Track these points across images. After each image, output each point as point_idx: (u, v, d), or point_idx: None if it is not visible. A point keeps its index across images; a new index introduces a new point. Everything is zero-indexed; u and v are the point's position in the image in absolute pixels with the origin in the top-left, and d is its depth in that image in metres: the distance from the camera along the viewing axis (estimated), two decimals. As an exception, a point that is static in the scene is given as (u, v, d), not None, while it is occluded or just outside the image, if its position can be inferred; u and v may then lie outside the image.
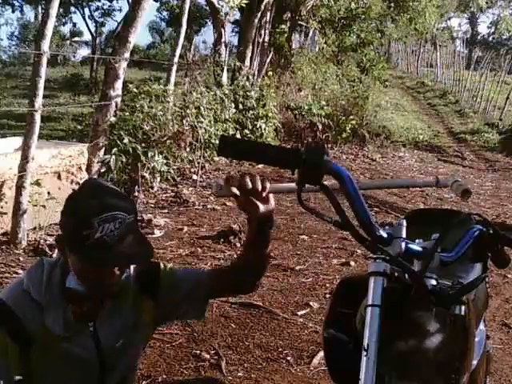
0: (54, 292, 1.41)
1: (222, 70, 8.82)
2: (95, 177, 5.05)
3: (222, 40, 9.28)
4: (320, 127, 9.91)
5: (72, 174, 4.88)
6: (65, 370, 1.42)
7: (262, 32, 10.85)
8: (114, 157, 5.36)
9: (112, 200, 1.34)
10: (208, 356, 2.80)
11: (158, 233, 4.75)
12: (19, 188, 4.09)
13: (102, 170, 5.40)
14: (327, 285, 3.81)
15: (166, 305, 1.53)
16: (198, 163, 6.76)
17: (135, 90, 6.16)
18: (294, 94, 11.47)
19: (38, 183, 4.33)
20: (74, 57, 27.04)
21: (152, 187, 6.00)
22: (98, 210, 1.31)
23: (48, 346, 1.40)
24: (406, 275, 1.17)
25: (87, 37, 28.26)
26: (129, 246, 1.33)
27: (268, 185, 1.42)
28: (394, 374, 1.18)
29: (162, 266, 1.57)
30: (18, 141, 4.85)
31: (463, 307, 1.15)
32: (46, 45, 4.09)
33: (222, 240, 4.58)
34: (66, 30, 29.21)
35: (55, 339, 1.40)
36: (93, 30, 23.12)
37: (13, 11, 23.30)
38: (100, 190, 1.37)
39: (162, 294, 1.53)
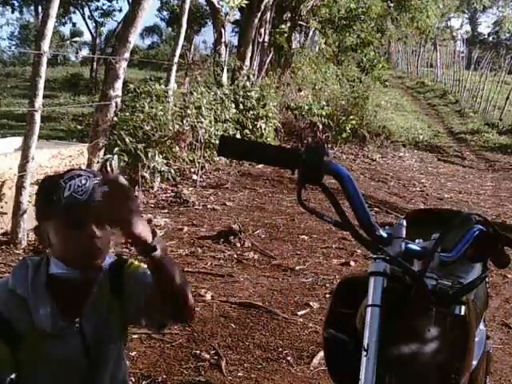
0: (40, 290, 1.41)
1: (222, 70, 8.82)
2: None
3: (222, 40, 9.28)
4: (320, 127, 9.91)
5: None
6: (53, 369, 1.42)
7: (262, 32, 10.85)
8: (116, 156, 5.36)
9: (74, 169, 1.44)
10: (208, 356, 2.80)
11: (157, 233, 4.75)
12: (19, 188, 4.09)
13: (104, 171, 5.40)
14: (327, 285, 3.81)
15: (130, 306, 1.48)
16: (198, 163, 6.76)
17: (136, 90, 6.16)
18: (294, 94, 11.47)
19: (38, 183, 4.33)
20: (76, 57, 27.05)
21: (152, 187, 6.00)
22: (62, 174, 1.39)
23: (36, 344, 1.40)
24: (406, 275, 1.17)
25: (87, 37, 28.29)
26: (98, 202, 1.31)
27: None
28: (394, 374, 1.18)
29: (128, 263, 1.52)
30: (18, 141, 4.85)
31: (463, 307, 1.15)
32: (46, 45, 4.09)
33: (221, 240, 4.57)
34: (66, 30, 29.24)
35: (43, 337, 1.40)
36: (93, 30, 23.13)
37: (12, 12, 23.31)
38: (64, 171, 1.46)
39: (126, 295, 1.48)
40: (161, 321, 1.47)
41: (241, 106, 8.47)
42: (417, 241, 1.25)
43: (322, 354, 2.75)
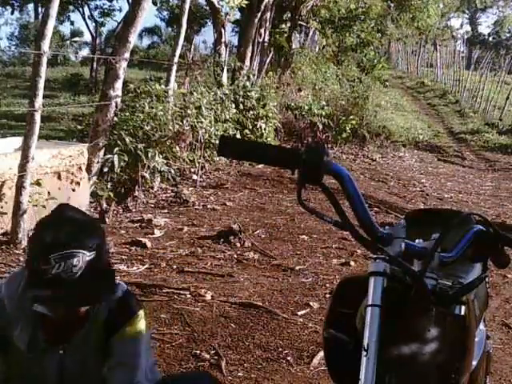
0: (25, 308, 1.41)
1: (222, 70, 8.82)
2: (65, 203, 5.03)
3: (222, 40, 9.28)
4: (320, 127, 9.91)
5: (72, 173, 4.88)
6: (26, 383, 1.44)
7: (262, 32, 10.85)
8: (116, 156, 5.36)
9: (74, 236, 1.36)
10: (208, 356, 2.80)
11: (157, 233, 4.75)
12: (19, 188, 4.09)
13: (105, 170, 5.40)
14: (327, 285, 3.81)
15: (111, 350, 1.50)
16: (198, 163, 6.76)
17: (137, 90, 6.16)
18: (294, 94, 11.48)
19: (38, 183, 4.33)
20: (76, 57, 27.04)
21: (152, 187, 6.00)
22: (55, 246, 1.34)
23: (16, 356, 1.42)
24: (406, 275, 1.17)
25: (87, 37, 28.28)
26: (85, 286, 1.34)
27: None
28: (394, 374, 1.18)
29: (134, 317, 1.51)
30: (18, 141, 4.85)
31: (463, 307, 1.15)
32: (46, 45, 4.09)
33: (221, 240, 4.57)
34: (66, 29, 29.22)
35: (21, 353, 1.42)
36: (93, 30, 23.13)
37: (12, 12, 23.30)
38: (66, 223, 1.39)
39: (111, 345, 1.49)
40: None
41: (241, 106, 8.47)
42: (417, 241, 1.25)
43: (322, 354, 2.74)
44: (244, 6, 8.80)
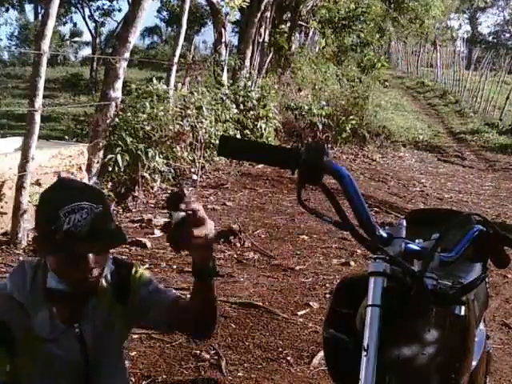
0: (38, 294, 1.41)
1: (222, 70, 8.82)
2: (64, 174, 5.02)
3: (223, 40, 9.28)
4: (320, 127, 9.91)
5: (72, 174, 4.88)
6: (51, 371, 1.42)
7: (262, 32, 10.85)
8: (119, 155, 5.37)
9: (77, 192, 1.36)
10: (208, 356, 2.80)
11: (158, 233, 4.75)
12: (19, 188, 4.09)
13: (109, 169, 5.40)
14: (327, 285, 3.81)
15: (135, 311, 1.52)
16: (198, 163, 6.76)
17: (138, 90, 6.17)
18: (294, 94, 11.48)
19: (38, 183, 4.33)
20: (76, 57, 27.04)
21: (152, 187, 6.00)
22: (63, 202, 1.32)
23: (33, 347, 1.40)
24: (406, 275, 1.17)
25: (87, 37, 28.28)
26: (98, 235, 1.33)
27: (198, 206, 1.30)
28: (394, 374, 1.18)
29: (133, 270, 1.54)
30: (18, 141, 4.85)
31: (463, 307, 1.15)
32: (46, 45, 4.09)
33: (222, 240, 4.57)
34: (66, 30, 29.22)
35: (40, 341, 1.40)
36: (93, 30, 23.14)
37: (7, 10, 23.30)
38: (66, 184, 1.41)
39: (132, 300, 1.52)
40: (179, 330, 1.59)
41: (241, 106, 8.47)
42: (417, 241, 1.25)
43: (322, 353, 2.75)
44: (244, 6, 8.80)
